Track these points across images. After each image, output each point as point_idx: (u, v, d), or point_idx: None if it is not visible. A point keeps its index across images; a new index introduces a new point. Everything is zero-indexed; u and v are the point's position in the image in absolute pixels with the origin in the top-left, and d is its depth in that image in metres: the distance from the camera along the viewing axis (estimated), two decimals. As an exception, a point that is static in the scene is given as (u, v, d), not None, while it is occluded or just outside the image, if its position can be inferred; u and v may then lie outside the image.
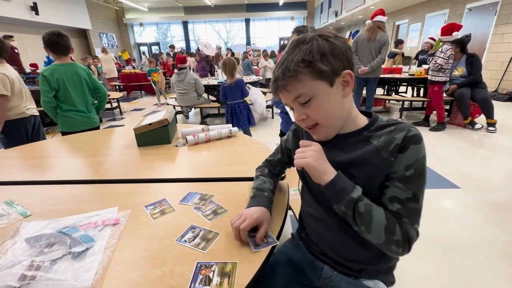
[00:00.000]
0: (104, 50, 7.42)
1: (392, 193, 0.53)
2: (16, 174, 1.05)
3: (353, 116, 0.59)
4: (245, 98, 2.90)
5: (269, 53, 7.13)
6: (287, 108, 1.47)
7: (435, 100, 3.40)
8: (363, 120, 0.60)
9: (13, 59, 5.41)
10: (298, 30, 1.58)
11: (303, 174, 0.67)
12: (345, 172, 0.55)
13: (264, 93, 3.48)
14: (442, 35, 3.19)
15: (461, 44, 3.32)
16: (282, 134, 1.77)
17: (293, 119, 0.63)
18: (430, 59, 3.44)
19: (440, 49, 3.16)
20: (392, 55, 5.99)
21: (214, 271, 0.52)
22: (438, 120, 3.49)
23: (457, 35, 3.13)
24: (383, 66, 3.80)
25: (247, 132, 2.86)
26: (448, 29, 3.13)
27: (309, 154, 0.55)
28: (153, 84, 5.85)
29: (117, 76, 7.51)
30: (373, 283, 0.63)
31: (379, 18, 3.24)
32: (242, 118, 2.85)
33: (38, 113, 1.97)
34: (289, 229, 1.61)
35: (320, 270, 0.67)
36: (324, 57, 0.52)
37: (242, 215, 0.61)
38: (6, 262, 0.55)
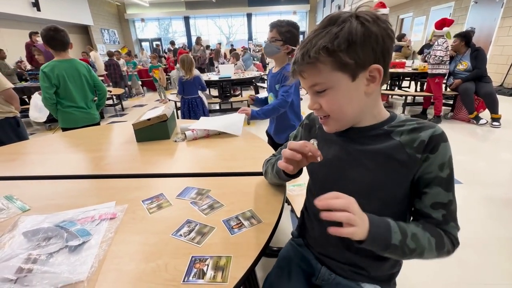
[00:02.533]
0: (90, 49, 7.22)
1: (434, 199, 0.50)
2: (16, 169, 1.06)
3: (375, 113, 0.54)
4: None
5: None
6: (302, 92, 1.42)
7: (435, 92, 3.45)
8: (384, 115, 0.55)
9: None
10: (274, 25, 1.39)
11: (312, 171, 0.64)
12: (359, 162, 0.53)
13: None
14: (436, 29, 3.36)
15: (466, 38, 3.29)
16: (268, 135, 1.68)
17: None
18: (427, 53, 3.48)
19: (436, 43, 3.29)
20: (398, 48, 5.90)
21: (208, 265, 0.52)
22: (435, 113, 3.52)
23: (447, 30, 3.31)
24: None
25: None
26: (440, 24, 3.34)
27: (354, 220, 0.44)
28: (154, 81, 5.82)
29: (105, 73, 7.27)
30: (373, 287, 0.61)
31: (382, 11, 3.21)
32: (198, 111, 3.12)
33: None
34: (288, 226, 1.62)
35: (318, 271, 0.66)
36: (352, 47, 0.45)
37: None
38: (3, 255, 0.55)
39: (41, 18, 8.58)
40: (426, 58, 3.58)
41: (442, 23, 3.32)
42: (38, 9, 8.42)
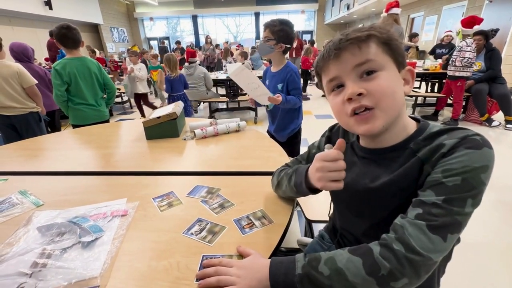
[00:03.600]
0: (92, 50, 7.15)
1: (421, 196, 0.42)
2: (30, 164, 1.08)
3: (404, 123, 0.49)
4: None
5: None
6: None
7: (456, 95, 3.29)
8: (411, 128, 0.49)
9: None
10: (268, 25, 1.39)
11: (334, 193, 0.61)
12: (386, 193, 0.48)
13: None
14: (464, 27, 3.06)
15: (487, 37, 3.17)
16: (269, 134, 1.65)
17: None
18: (443, 54, 3.28)
19: (465, 43, 3.04)
20: (406, 49, 5.81)
21: None
22: (454, 116, 3.38)
23: (478, 28, 3.03)
24: None
25: None
26: (468, 22, 3.04)
27: (226, 281, 0.46)
28: (152, 83, 5.19)
29: None
30: None
31: (395, 10, 3.13)
32: (187, 107, 3.34)
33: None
34: (296, 226, 1.61)
35: None
36: (399, 43, 0.47)
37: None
38: (19, 249, 0.56)
39: (53, 16, 8.76)
40: (450, 60, 3.24)
41: (472, 21, 3.01)
42: (50, 8, 8.59)
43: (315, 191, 0.58)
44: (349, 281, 0.39)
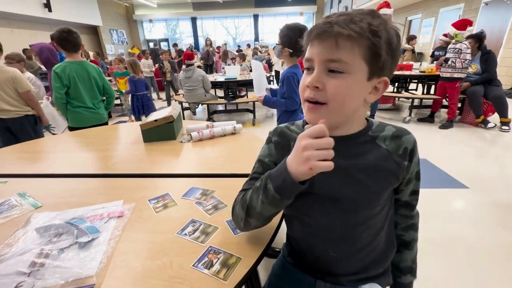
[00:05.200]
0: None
1: (412, 187, 0.59)
2: (28, 167, 1.10)
3: (362, 120, 0.54)
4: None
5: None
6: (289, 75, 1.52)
7: (453, 97, 3.34)
8: (364, 123, 0.55)
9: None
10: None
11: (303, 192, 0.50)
12: (351, 178, 0.52)
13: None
14: (457, 29, 3.12)
15: (480, 41, 3.22)
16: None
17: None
18: (452, 57, 3.17)
19: (464, 45, 3.07)
20: (402, 51, 5.85)
21: (219, 259, 0.55)
22: (449, 117, 3.42)
23: (471, 30, 3.12)
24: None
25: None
26: (462, 24, 3.13)
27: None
28: (119, 94, 4.37)
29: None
30: (368, 285, 0.59)
31: (384, 11, 3.13)
32: (151, 104, 3.71)
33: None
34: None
35: (312, 285, 0.61)
36: (389, 49, 0.44)
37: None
38: (17, 250, 0.58)
39: (52, 18, 8.78)
40: (450, 62, 3.18)
41: (464, 24, 3.12)
42: (50, 10, 8.61)
43: (303, 182, 0.46)
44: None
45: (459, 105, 3.66)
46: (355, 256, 0.57)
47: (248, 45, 10.34)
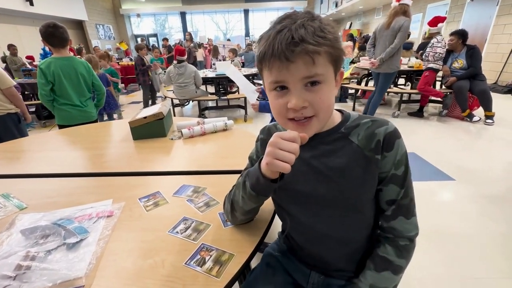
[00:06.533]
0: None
1: (389, 196, 0.52)
2: (13, 167, 1.06)
3: (332, 116, 0.53)
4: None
5: None
6: (253, 96, 1.50)
7: (422, 82, 3.53)
8: (337, 117, 0.55)
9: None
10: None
11: (279, 187, 0.51)
12: (326, 177, 0.52)
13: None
14: (431, 26, 3.48)
15: (464, 36, 3.33)
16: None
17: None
18: (427, 51, 3.51)
19: (435, 40, 3.38)
20: (409, 46, 5.60)
21: (211, 256, 0.55)
22: (422, 103, 3.77)
23: (441, 26, 3.42)
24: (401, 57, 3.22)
25: (112, 114, 3.73)
26: (433, 22, 3.44)
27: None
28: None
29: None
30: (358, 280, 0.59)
31: (406, 1, 2.87)
32: (111, 101, 3.61)
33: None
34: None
35: (307, 275, 0.63)
36: (339, 43, 0.45)
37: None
38: (2, 253, 0.56)
39: (34, 12, 8.44)
40: (424, 56, 3.58)
41: (436, 21, 3.41)
42: (31, 4, 8.27)
43: (276, 180, 0.49)
44: None
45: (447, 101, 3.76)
46: (340, 252, 0.58)
47: (238, 45, 10.02)
